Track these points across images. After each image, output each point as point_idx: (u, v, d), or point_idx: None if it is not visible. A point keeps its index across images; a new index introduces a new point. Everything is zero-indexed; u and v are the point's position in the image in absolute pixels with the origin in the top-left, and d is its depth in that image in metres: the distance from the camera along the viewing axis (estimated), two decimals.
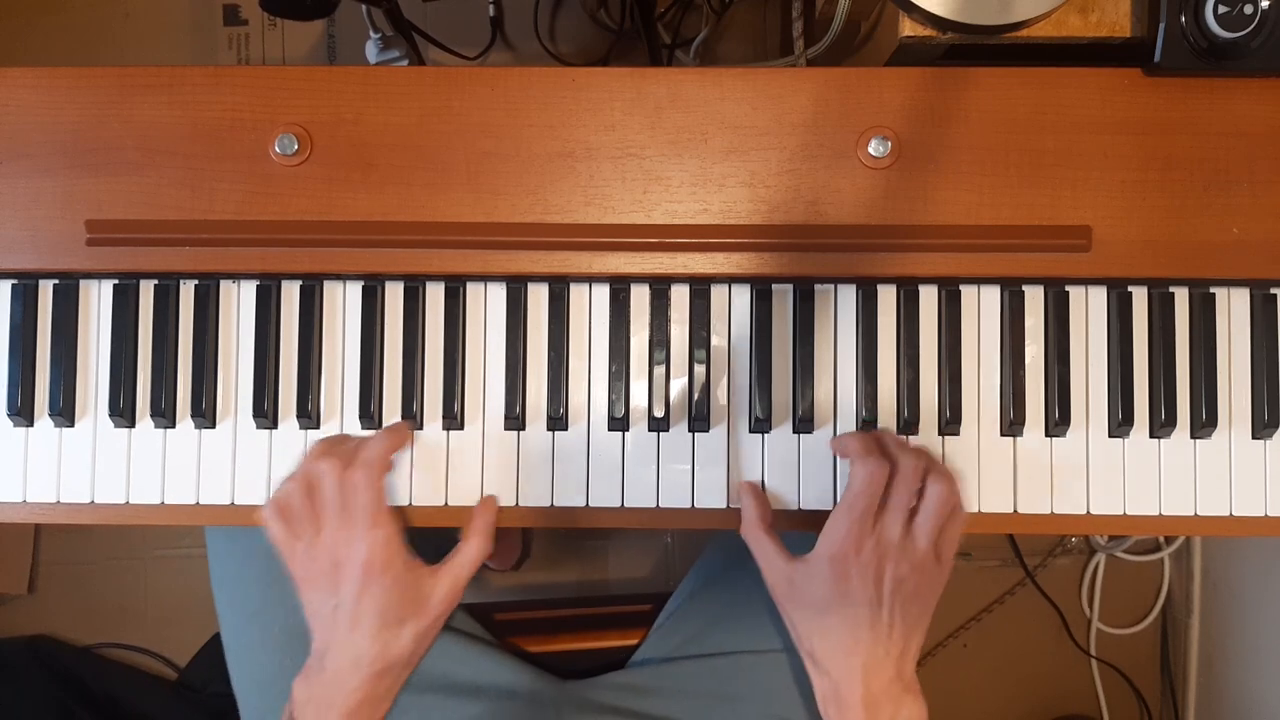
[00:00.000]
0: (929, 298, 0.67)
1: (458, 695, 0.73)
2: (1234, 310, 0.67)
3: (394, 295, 0.67)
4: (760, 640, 0.75)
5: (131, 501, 0.67)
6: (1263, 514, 0.66)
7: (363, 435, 0.65)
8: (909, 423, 0.66)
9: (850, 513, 0.59)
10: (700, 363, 0.66)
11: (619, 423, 0.66)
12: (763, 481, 0.66)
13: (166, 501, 0.67)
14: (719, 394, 0.67)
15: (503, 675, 0.76)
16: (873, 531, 0.59)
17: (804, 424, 0.66)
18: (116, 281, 0.67)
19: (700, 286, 0.67)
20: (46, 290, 0.68)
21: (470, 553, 0.64)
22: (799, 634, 0.62)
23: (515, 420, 0.66)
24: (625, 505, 0.67)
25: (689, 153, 0.65)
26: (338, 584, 0.60)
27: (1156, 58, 0.63)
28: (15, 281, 0.67)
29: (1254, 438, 0.67)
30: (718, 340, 0.67)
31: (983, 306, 0.67)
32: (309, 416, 0.66)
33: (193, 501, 0.67)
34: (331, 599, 0.60)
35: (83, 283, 0.68)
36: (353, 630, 0.60)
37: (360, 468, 0.61)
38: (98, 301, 0.68)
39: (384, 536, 0.60)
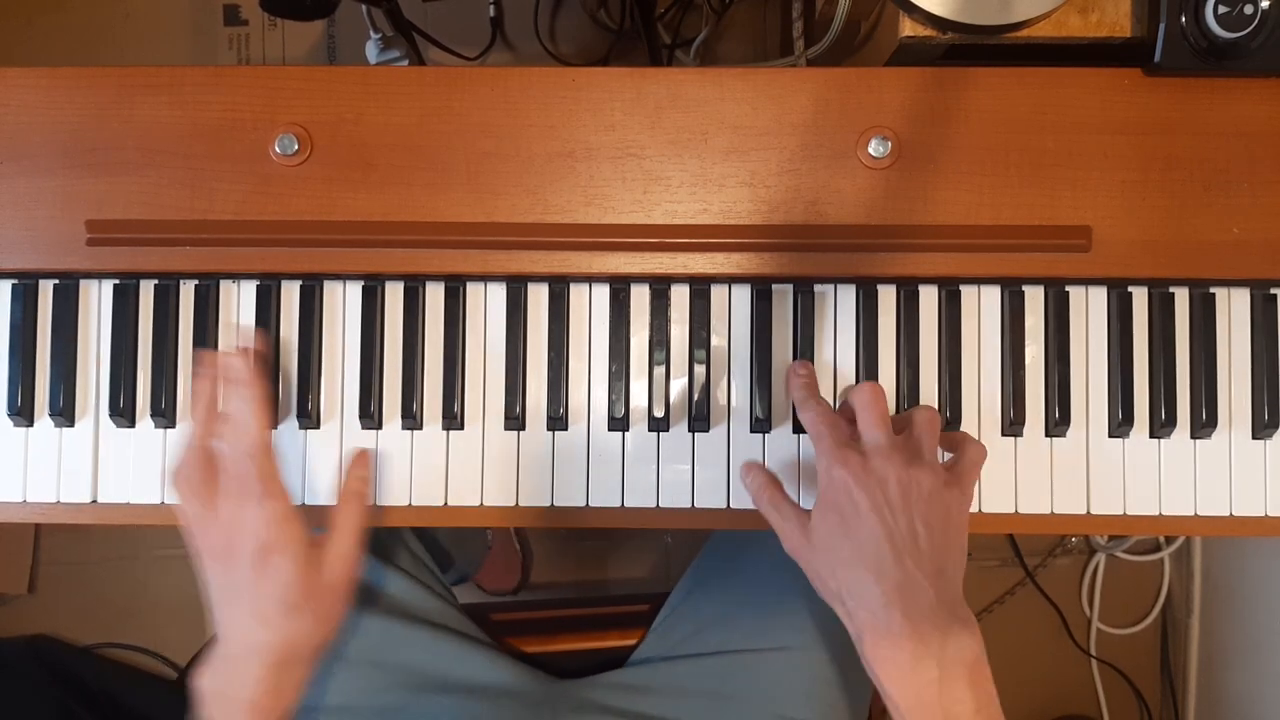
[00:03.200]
0: (929, 298, 0.67)
1: (455, 695, 0.73)
2: (1234, 310, 0.67)
3: (394, 295, 0.67)
4: (759, 639, 0.74)
5: (131, 501, 0.67)
6: (1263, 514, 0.66)
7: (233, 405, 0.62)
8: None
9: (819, 439, 0.59)
10: (700, 363, 0.66)
11: (619, 423, 0.66)
12: None
13: (166, 501, 0.67)
14: (719, 394, 0.67)
15: (500, 675, 0.76)
16: (863, 460, 0.57)
17: None
18: (116, 281, 0.67)
19: (700, 286, 0.67)
20: (46, 290, 0.68)
21: (347, 515, 0.62)
22: (823, 578, 0.58)
23: (515, 420, 0.66)
24: (625, 505, 0.67)
25: (689, 153, 0.65)
26: (233, 560, 0.58)
27: (1156, 58, 0.63)
28: (15, 281, 0.67)
29: (1254, 438, 0.67)
30: (718, 340, 0.67)
31: (983, 306, 0.67)
32: (309, 416, 0.66)
33: None
34: (229, 578, 0.58)
35: (83, 283, 0.68)
36: (252, 618, 0.58)
37: (242, 442, 0.59)
38: (98, 301, 0.68)
39: (279, 511, 0.58)
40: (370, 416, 0.66)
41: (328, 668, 0.71)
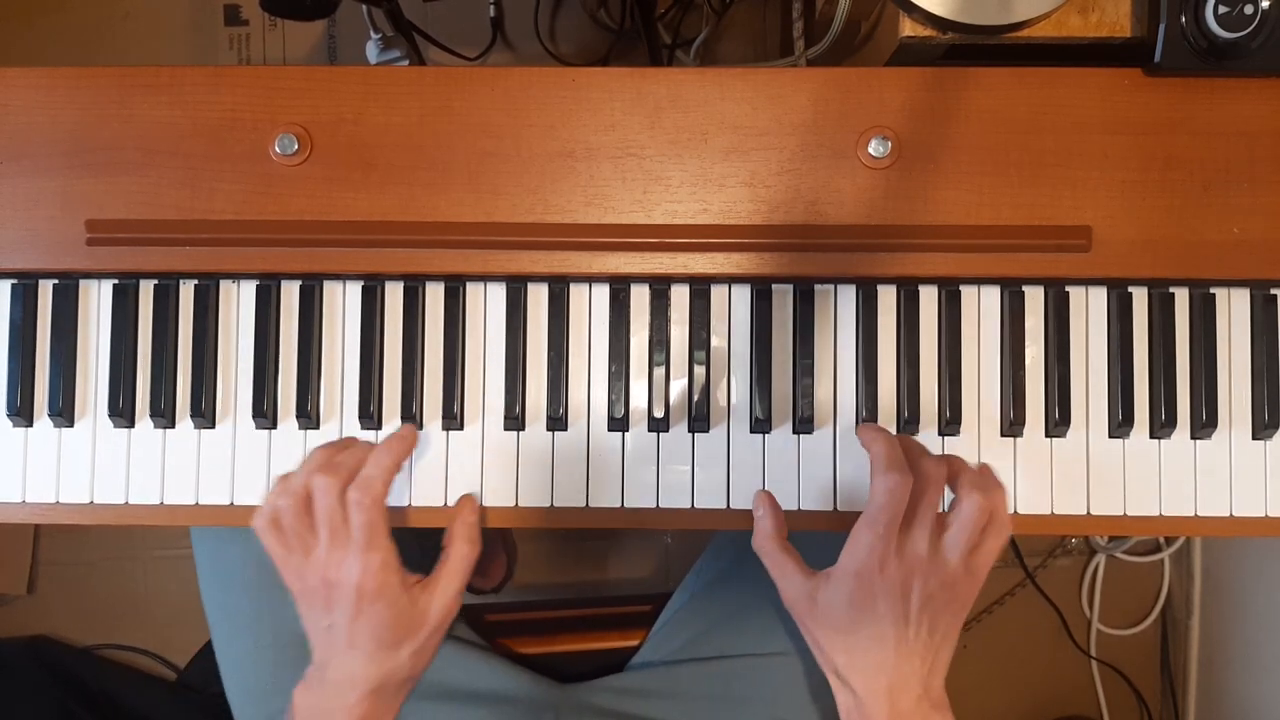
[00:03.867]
0: (929, 298, 0.67)
1: (454, 702, 0.73)
2: (1234, 310, 0.67)
3: (394, 295, 0.67)
4: (763, 643, 0.74)
5: (131, 501, 0.67)
6: (1263, 514, 0.66)
7: (364, 442, 0.64)
8: (909, 423, 0.66)
9: (874, 528, 0.57)
10: (700, 363, 0.66)
11: (619, 423, 0.66)
12: (763, 482, 0.66)
13: (166, 502, 0.67)
14: (719, 394, 0.67)
15: (499, 680, 0.76)
16: (899, 547, 0.57)
17: (804, 424, 0.66)
18: (116, 281, 0.67)
19: (700, 286, 0.67)
20: (46, 290, 0.68)
21: (458, 560, 0.62)
22: (822, 651, 0.60)
23: (515, 420, 0.66)
24: (625, 506, 0.67)
25: (689, 153, 0.65)
26: (331, 604, 0.59)
27: (1156, 58, 0.63)
28: (15, 281, 0.67)
29: (1254, 438, 0.67)
30: (718, 340, 0.67)
31: (983, 306, 0.67)
32: (308, 417, 0.66)
33: (192, 502, 0.67)
34: (325, 618, 0.59)
35: (83, 283, 0.68)
36: (349, 650, 0.59)
37: (360, 487, 0.59)
38: (98, 301, 0.68)
39: (379, 561, 0.58)
40: (370, 416, 0.66)
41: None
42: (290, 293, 0.67)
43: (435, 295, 0.67)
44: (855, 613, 0.57)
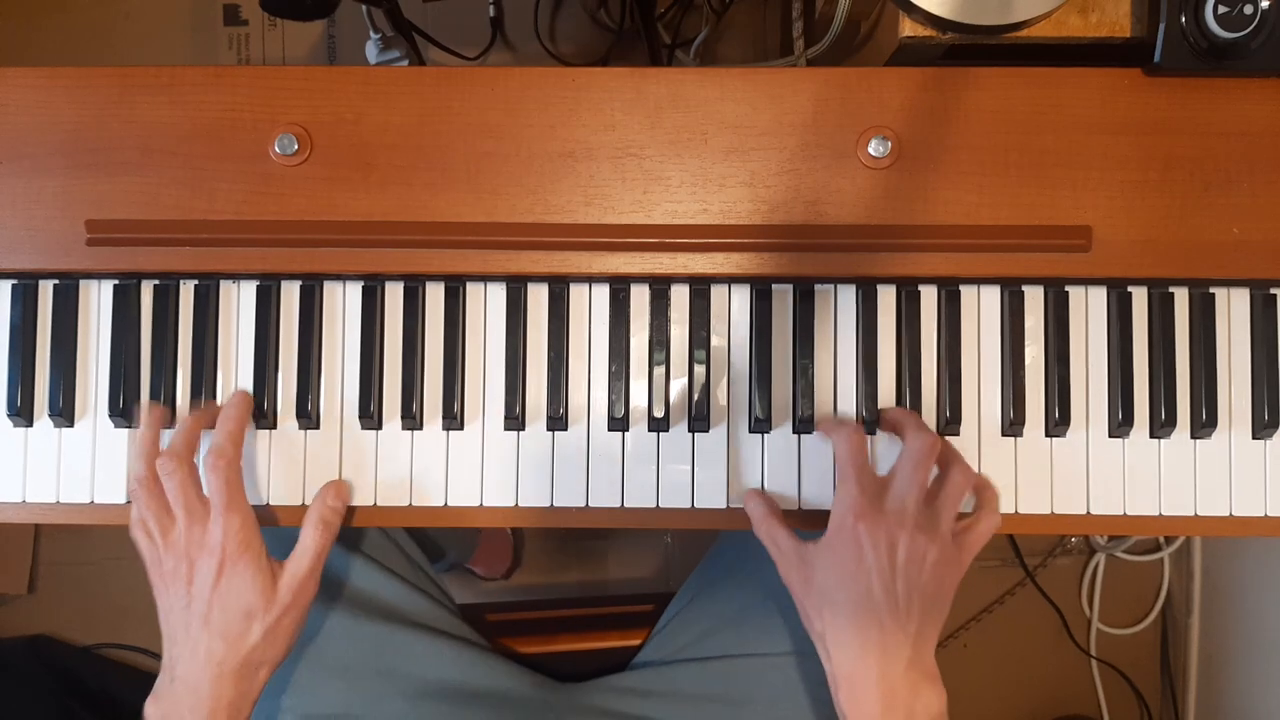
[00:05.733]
0: (929, 298, 0.67)
1: (453, 701, 0.73)
2: (1234, 310, 0.67)
3: (394, 295, 0.67)
4: (765, 644, 0.74)
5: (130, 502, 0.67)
6: (1263, 514, 0.66)
7: (190, 417, 0.64)
8: None
9: (844, 481, 0.59)
10: (700, 363, 0.66)
11: (619, 423, 0.66)
12: (763, 481, 0.66)
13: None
14: (719, 394, 0.67)
15: (500, 680, 0.76)
16: (881, 501, 0.58)
17: (804, 424, 0.66)
18: (116, 281, 0.67)
19: (700, 286, 0.67)
20: (46, 290, 0.68)
21: (307, 542, 0.63)
22: (810, 615, 0.61)
23: (515, 420, 0.66)
24: (625, 505, 0.67)
25: (689, 153, 0.65)
26: (192, 578, 0.60)
27: (1156, 58, 0.63)
28: (15, 281, 0.67)
29: (1254, 438, 0.67)
30: (718, 340, 0.67)
31: (983, 306, 0.67)
32: (308, 417, 0.66)
33: None
34: (186, 594, 0.60)
35: (83, 283, 0.68)
36: (204, 627, 0.59)
37: (213, 452, 0.61)
38: (98, 301, 0.68)
39: (239, 520, 0.60)
40: (370, 416, 0.66)
41: (326, 675, 0.71)
42: (290, 293, 0.67)
43: (435, 295, 0.67)
44: (841, 568, 0.58)
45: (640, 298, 0.67)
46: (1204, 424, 0.66)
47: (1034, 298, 0.67)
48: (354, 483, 0.67)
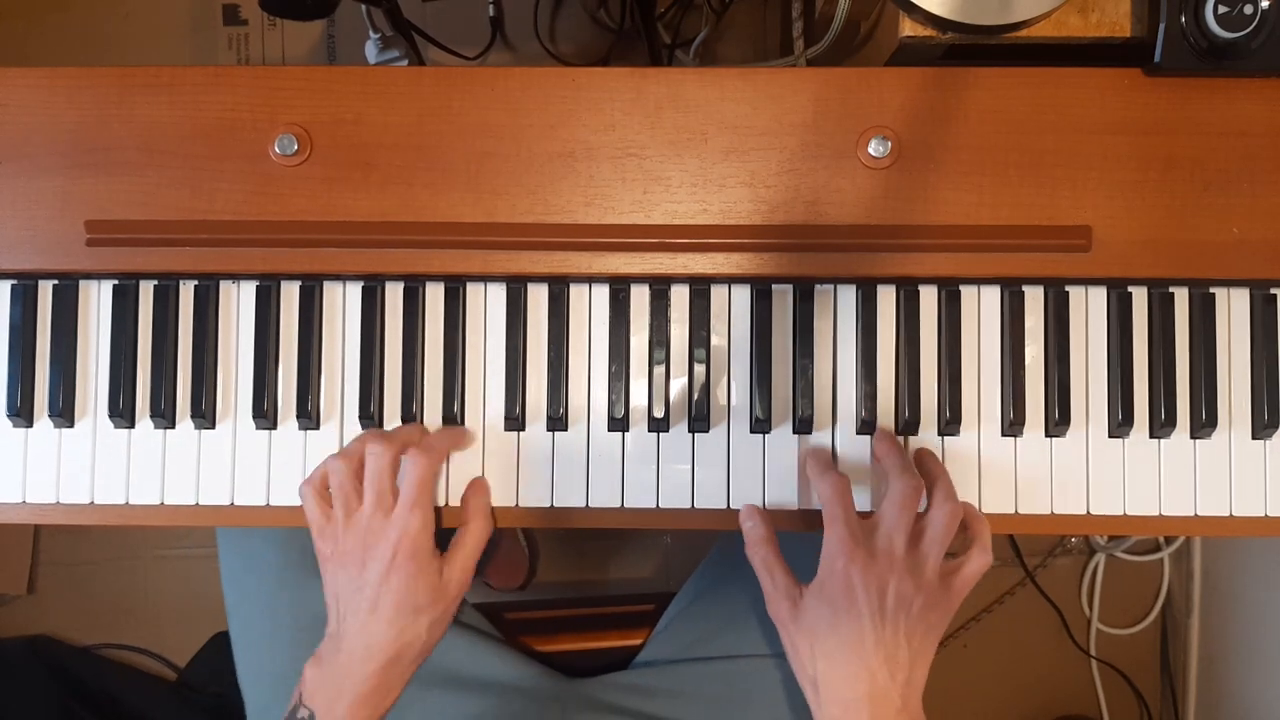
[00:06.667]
0: (929, 298, 0.67)
1: (465, 691, 0.73)
2: (1234, 310, 0.67)
3: (394, 295, 0.67)
4: (766, 644, 0.74)
5: (131, 502, 0.67)
6: (1263, 514, 0.66)
7: (417, 426, 0.66)
8: (909, 423, 0.66)
9: (833, 526, 0.59)
10: (700, 363, 0.66)
11: (619, 423, 0.66)
12: (763, 481, 0.66)
13: (166, 502, 0.67)
14: (719, 394, 0.67)
15: (510, 672, 0.76)
16: (869, 544, 0.58)
17: (804, 424, 0.66)
18: (116, 282, 0.67)
19: (700, 286, 0.67)
20: (46, 290, 0.68)
21: (475, 534, 0.64)
22: (800, 658, 0.61)
23: (515, 420, 0.66)
24: (625, 506, 0.67)
25: (689, 153, 0.65)
26: (365, 563, 0.61)
27: (1156, 58, 0.63)
28: (15, 281, 0.67)
29: (1254, 438, 0.67)
30: (718, 340, 0.67)
31: (983, 306, 0.67)
32: (309, 417, 0.66)
33: (192, 502, 0.67)
34: (356, 579, 0.61)
35: (83, 283, 0.68)
36: (371, 614, 0.60)
37: (420, 449, 0.62)
38: (98, 302, 0.68)
39: (420, 520, 0.61)
40: (370, 417, 0.66)
41: None
42: (290, 293, 0.67)
43: (435, 295, 0.67)
44: (833, 612, 0.58)
45: (640, 298, 0.67)
46: (1204, 424, 0.66)
47: (1034, 298, 0.67)
48: None
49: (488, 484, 0.67)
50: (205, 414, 0.67)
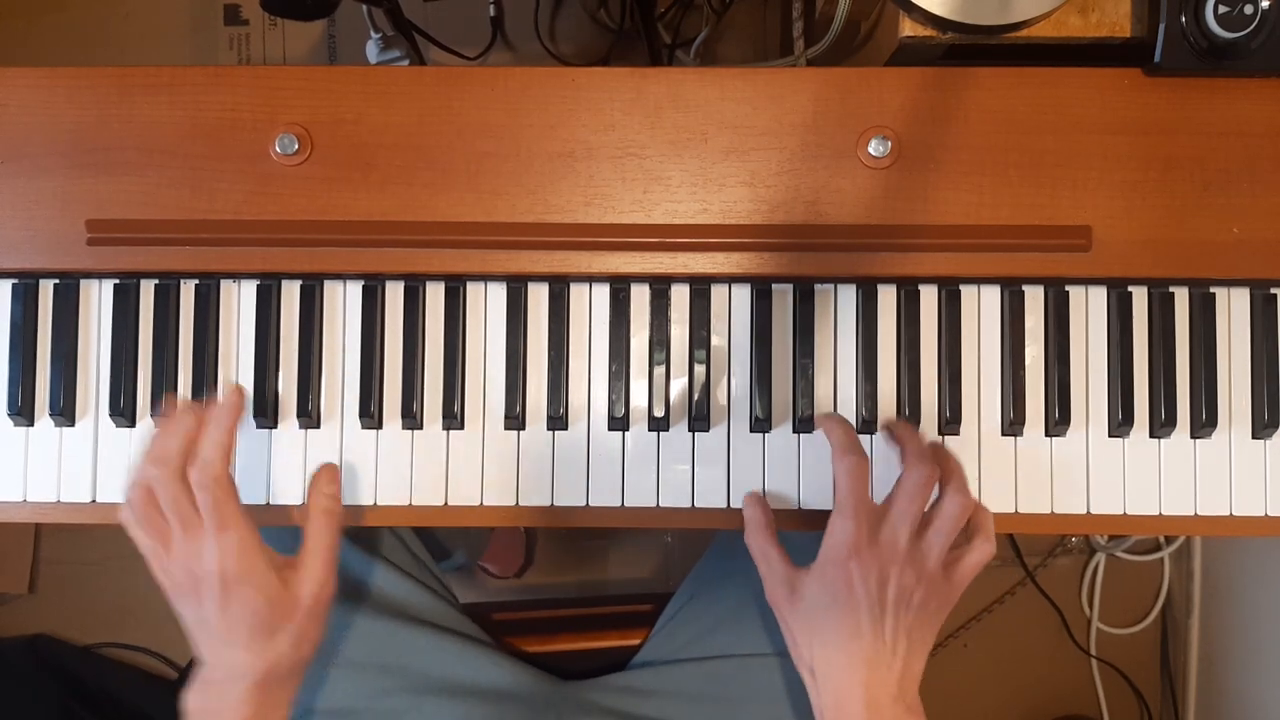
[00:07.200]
0: (929, 298, 0.67)
1: (457, 697, 0.73)
2: (1234, 310, 0.67)
3: (394, 295, 0.67)
4: (764, 644, 0.74)
5: None
6: (1263, 514, 0.66)
7: (192, 410, 0.60)
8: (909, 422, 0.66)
9: (843, 514, 0.59)
10: (700, 363, 0.66)
11: (619, 422, 0.66)
12: (763, 481, 0.66)
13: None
14: (719, 394, 0.67)
15: (502, 676, 0.76)
16: (875, 535, 0.58)
17: (804, 424, 0.66)
18: (117, 281, 0.67)
19: (700, 286, 0.67)
20: (46, 290, 0.68)
21: (317, 535, 0.61)
22: (798, 645, 0.61)
23: (515, 420, 0.66)
24: (625, 505, 0.67)
25: (689, 153, 0.65)
26: (200, 596, 0.57)
27: (1156, 58, 0.63)
28: (15, 281, 0.67)
29: (1254, 438, 0.67)
30: (718, 340, 0.67)
31: (983, 306, 0.67)
32: (309, 416, 0.66)
33: None
34: (198, 612, 0.58)
35: (83, 283, 0.68)
36: (226, 645, 0.58)
37: (198, 469, 0.57)
38: (98, 301, 0.68)
39: (235, 540, 0.57)
40: (370, 416, 0.66)
41: (330, 671, 0.71)
42: (290, 292, 0.67)
43: (435, 295, 0.67)
44: (832, 602, 0.58)
45: (640, 297, 0.67)
46: (1204, 424, 0.66)
47: (1034, 298, 0.67)
48: (354, 482, 0.67)
49: (334, 470, 0.64)
50: None
